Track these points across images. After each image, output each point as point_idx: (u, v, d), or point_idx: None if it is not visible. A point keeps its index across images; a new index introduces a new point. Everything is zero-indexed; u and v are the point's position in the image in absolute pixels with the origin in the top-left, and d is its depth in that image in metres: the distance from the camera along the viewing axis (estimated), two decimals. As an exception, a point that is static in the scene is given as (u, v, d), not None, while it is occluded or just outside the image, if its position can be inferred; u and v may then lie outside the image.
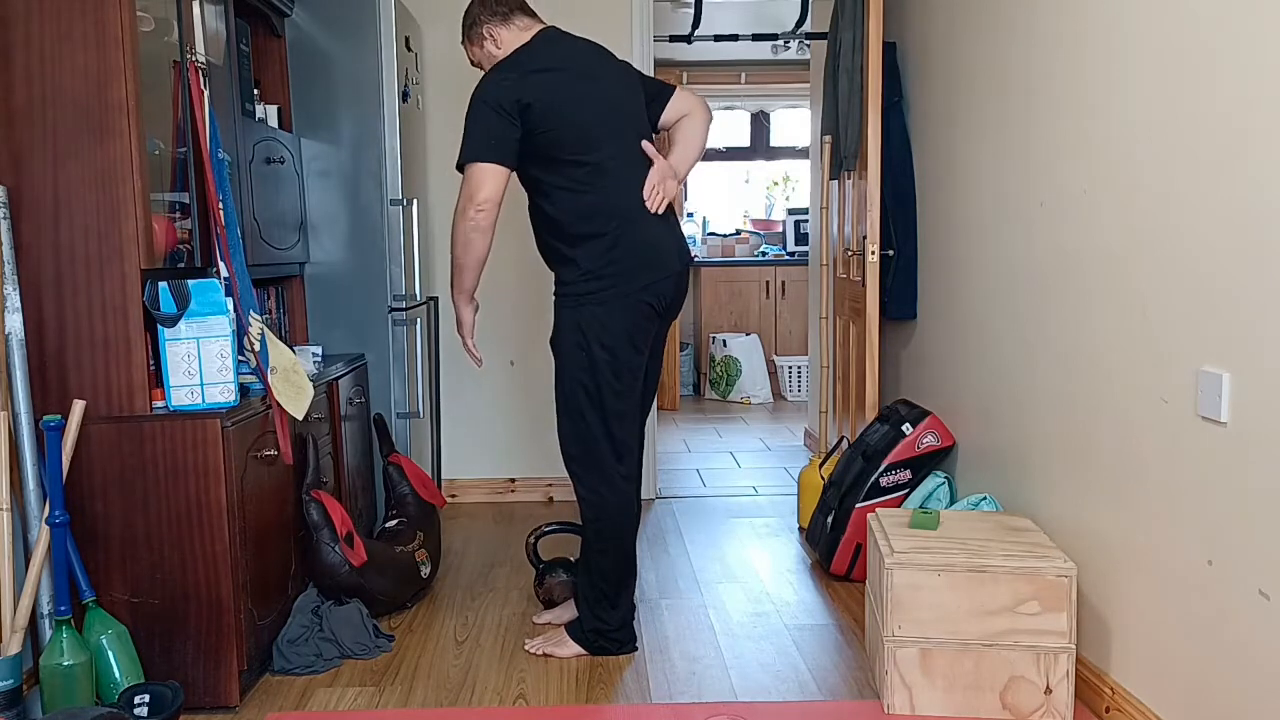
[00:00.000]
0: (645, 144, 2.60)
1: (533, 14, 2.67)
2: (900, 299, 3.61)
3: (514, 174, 2.59)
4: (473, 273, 2.64)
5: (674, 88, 2.74)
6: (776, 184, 7.93)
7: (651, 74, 4.14)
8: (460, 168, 2.51)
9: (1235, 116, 1.80)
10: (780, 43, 6.33)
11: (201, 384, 2.32)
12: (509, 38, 2.59)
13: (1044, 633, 2.24)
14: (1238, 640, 1.82)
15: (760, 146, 7.83)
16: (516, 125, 2.44)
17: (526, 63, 2.50)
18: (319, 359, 3.02)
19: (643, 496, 4.24)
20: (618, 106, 2.60)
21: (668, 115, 2.71)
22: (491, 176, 2.46)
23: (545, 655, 2.66)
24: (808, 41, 5.17)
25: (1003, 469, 2.87)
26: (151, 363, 2.31)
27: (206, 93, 2.48)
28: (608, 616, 2.65)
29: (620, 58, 2.76)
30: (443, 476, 4.14)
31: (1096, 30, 2.28)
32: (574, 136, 2.51)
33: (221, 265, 2.46)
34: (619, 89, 2.63)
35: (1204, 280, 1.89)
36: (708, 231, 7.70)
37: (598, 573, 2.64)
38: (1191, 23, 1.92)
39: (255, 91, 3.03)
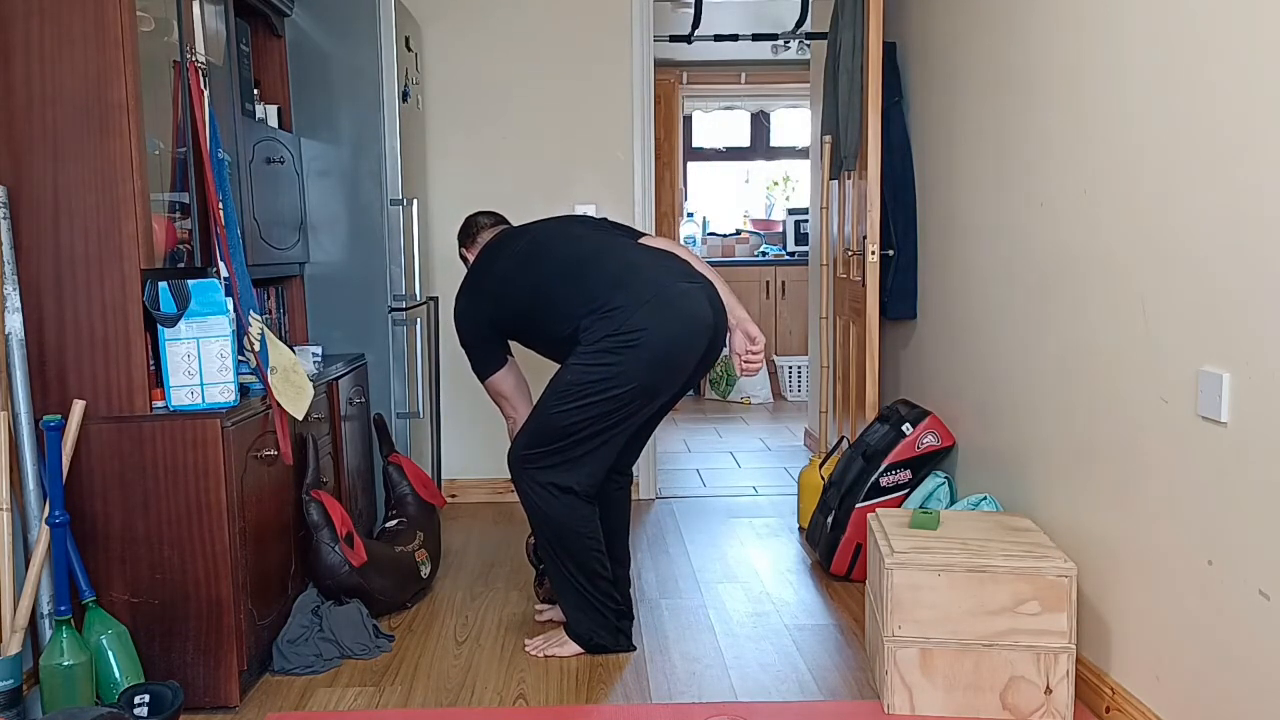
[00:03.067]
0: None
1: (495, 223, 2.96)
2: (900, 299, 3.61)
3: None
4: None
5: (643, 234, 2.87)
6: (776, 184, 7.93)
7: (651, 74, 4.15)
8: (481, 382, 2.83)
9: (1235, 116, 1.80)
10: (780, 43, 6.34)
11: (201, 384, 2.32)
12: (474, 255, 2.93)
13: (1044, 633, 2.24)
14: (1238, 640, 1.82)
15: (760, 146, 7.83)
16: (491, 331, 2.73)
17: (475, 269, 2.79)
18: (319, 359, 3.02)
19: (643, 496, 4.27)
20: (570, 233, 2.72)
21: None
22: (499, 380, 2.78)
23: (548, 656, 2.65)
24: (808, 41, 5.18)
25: (1003, 469, 2.87)
26: (151, 363, 2.31)
27: (206, 93, 2.48)
28: (587, 609, 2.64)
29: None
30: (443, 476, 4.14)
31: (1096, 30, 2.28)
32: (541, 281, 2.62)
33: (221, 265, 2.46)
34: (565, 224, 2.79)
35: (1204, 280, 1.89)
36: (708, 231, 7.70)
37: (564, 571, 2.64)
38: (1191, 23, 1.92)
39: (255, 91, 3.03)
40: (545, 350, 2.70)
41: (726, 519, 4.00)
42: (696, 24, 4.69)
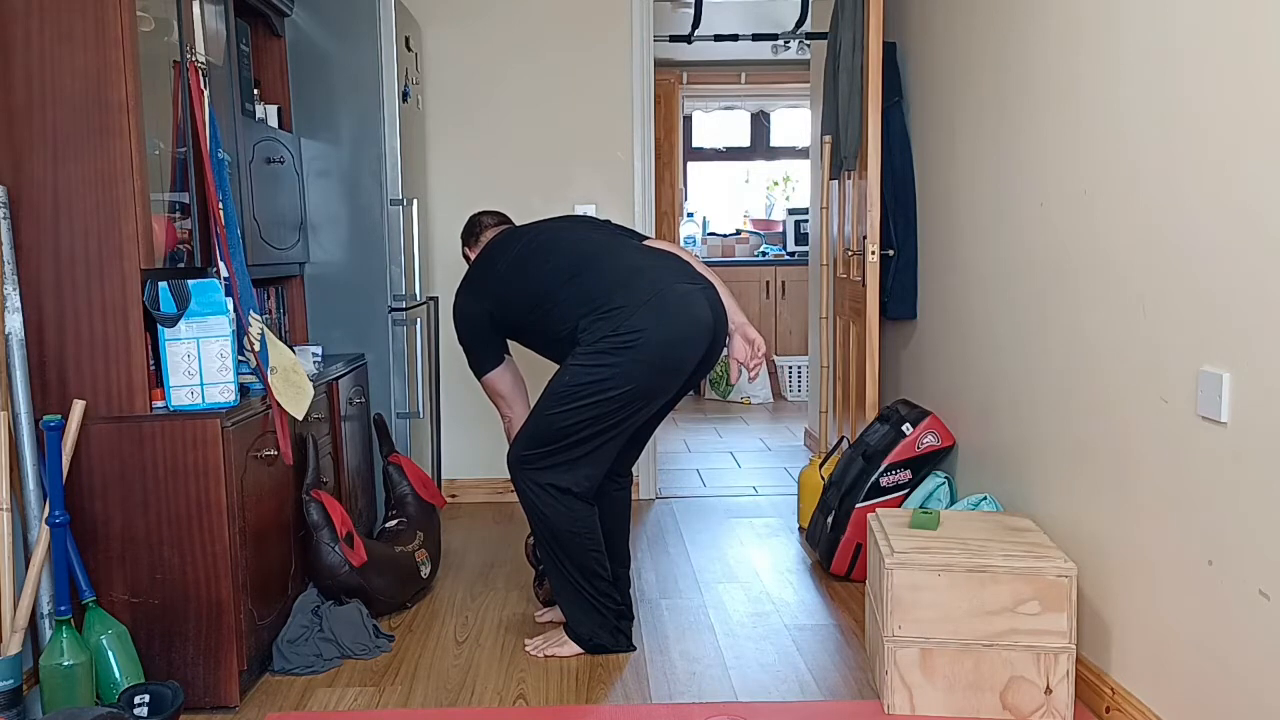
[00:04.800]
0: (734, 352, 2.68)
1: (498, 223, 2.98)
2: (900, 299, 3.61)
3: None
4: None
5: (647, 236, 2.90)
6: (776, 184, 7.93)
7: (651, 74, 4.15)
8: (478, 379, 2.84)
9: (1235, 115, 1.80)
10: (780, 43, 6.33)
11: (201, 384, 2.32)
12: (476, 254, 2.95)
13: (1044, 633, 2.24)
14: (1238, 640, 1.82)
15: (760, 146, 7.83)
16: (490, 325, 2.73)
17: (476, 269, 2.78)
18: (319, 359, 3.02)
19: (643, 496, 4.27)
20: (572, 233, 2.72)
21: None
22: (496, 378, 2.79)
23: (548, 657, 2.65)
24: (808, 41, 5.18)
25: (1003, 469, 2.87)
26: (151, 363, 2.31)
27: (206, 93, 2.48)
28: (587, 609, 2.64)
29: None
30: (443, 476, 4.14)
31: (1095, 30, 2.28)
32: (542, 284, 2.61)
33: (221, 265, 2.46)
34: (568, 224, 2.81)
35: (1204, 280, 1.89)
36: (708, 231, 7.70)
37: (564, 571, 2.63)
38: (1190, 22, 1.92)
39: (255, 91, 3.03)
40: (545, 350, 2.70)
41: (726, 519, 4.00)
42: (696, 24, 4.69)
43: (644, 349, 2.45)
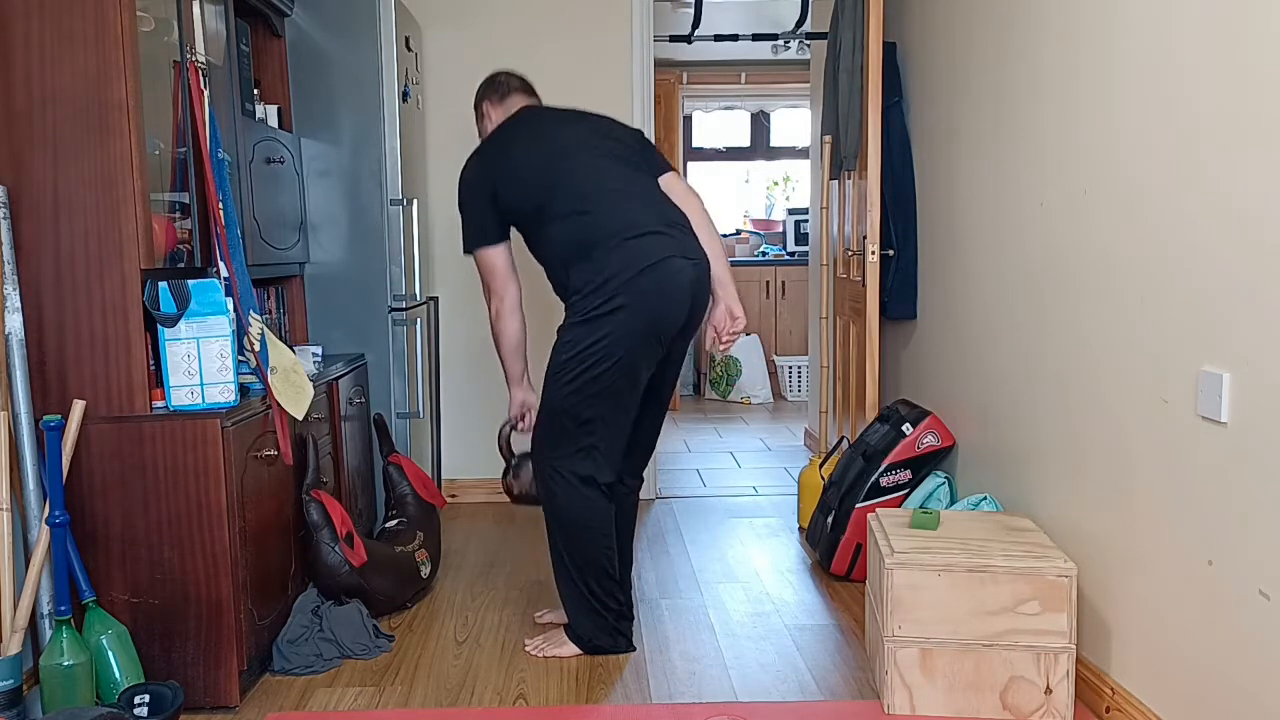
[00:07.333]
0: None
1: (524, 90, 2.85)
2: (900, 299, 3.61)
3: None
4: (513, 359, 2.77)
5: (669, 168, 2.79)
6: (776, 184, 7.93)
7: (651, 74, 4.15)
8: (467, 254, 2.74)
9: (1235, 116, 1.80)
10: (780, 43, 6.34)
11: (201, 384, 2.32)
12: (498, 116, 2.82)
13: (1044, 633, 2.24)
14: (1237, 641, 1.82)
15: (760, 146, 7.83)
16: (492, 206, 2.66)
17: (493, 144, 2.69)
18: (319, 359, 3.02)
19: (643, 496, 4.27)
20: (592, 154, 2.64)
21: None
22: (493, 258, 2.68)
23: (548, 657, 2.65)
24: (808, 41, 5.18)
25: (1003, 469, 2.87)
26: (151, 363, 2.31)
27: (206, 93, 2.48)
28: (588, 611, 2.64)
29: (622, 121, 2.83)
30: (443, 476, 4.14)
31: (1095, 30, 2.28)
32: (546, 198, 2.59)
33: (221, 265, 2.46)
34: (594, 139, 2.68)
35: (1204, 280, 1.89)
36: (708, 231, 7.69)
37: (570, 569, 2.64)
38: (1190, 22, 1.92)
39: (255, 91, 3.03)
40: (535, 249, 2.67)
41: (726, 519, 4.00)
42: (696, 24, 4.69)
43: (628, 321, 2.47)
